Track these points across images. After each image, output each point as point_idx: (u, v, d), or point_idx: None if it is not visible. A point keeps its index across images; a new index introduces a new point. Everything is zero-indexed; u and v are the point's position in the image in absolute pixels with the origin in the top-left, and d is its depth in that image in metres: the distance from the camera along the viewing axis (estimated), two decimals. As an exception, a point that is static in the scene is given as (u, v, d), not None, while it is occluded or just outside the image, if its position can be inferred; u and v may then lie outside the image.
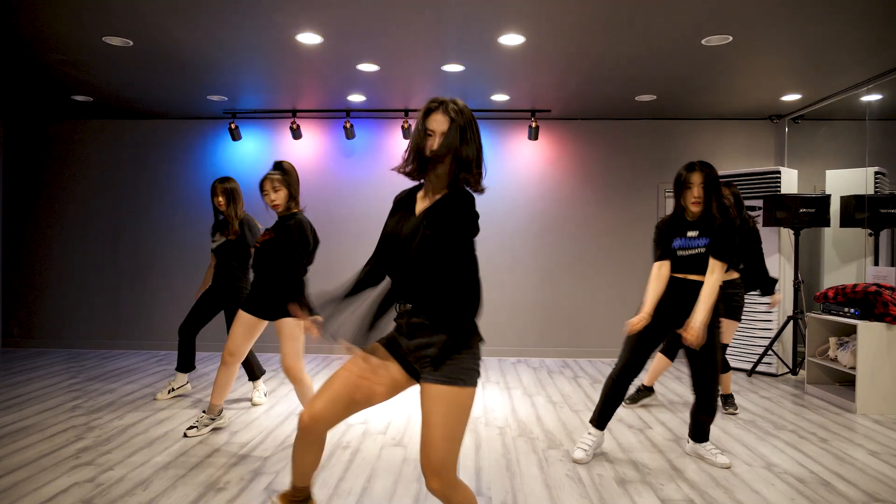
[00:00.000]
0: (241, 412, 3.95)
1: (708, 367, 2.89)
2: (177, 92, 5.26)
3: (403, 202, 1.92)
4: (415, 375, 1.82)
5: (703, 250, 2.89)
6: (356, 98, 5.49)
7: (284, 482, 2.76)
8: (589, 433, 3.13)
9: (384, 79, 4.86)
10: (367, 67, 4.53)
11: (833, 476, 2.93)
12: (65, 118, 6.33)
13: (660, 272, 3.00)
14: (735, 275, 3.92)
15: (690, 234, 2.93)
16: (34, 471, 2.74)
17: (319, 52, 4.21)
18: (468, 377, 1.73)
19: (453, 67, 4.51)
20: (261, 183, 3.36)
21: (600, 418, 3.10)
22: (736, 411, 4.04)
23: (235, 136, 5.96)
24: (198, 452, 3.16)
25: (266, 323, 3.37)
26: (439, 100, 1.81)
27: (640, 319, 2.93)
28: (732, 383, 4.86)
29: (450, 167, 1.78)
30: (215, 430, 3.52)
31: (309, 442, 1.81)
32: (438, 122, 1.77)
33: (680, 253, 2.95)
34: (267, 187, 3.32)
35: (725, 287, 3.74)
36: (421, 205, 1.85)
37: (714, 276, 2.85)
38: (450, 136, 1.76)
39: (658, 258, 3.03)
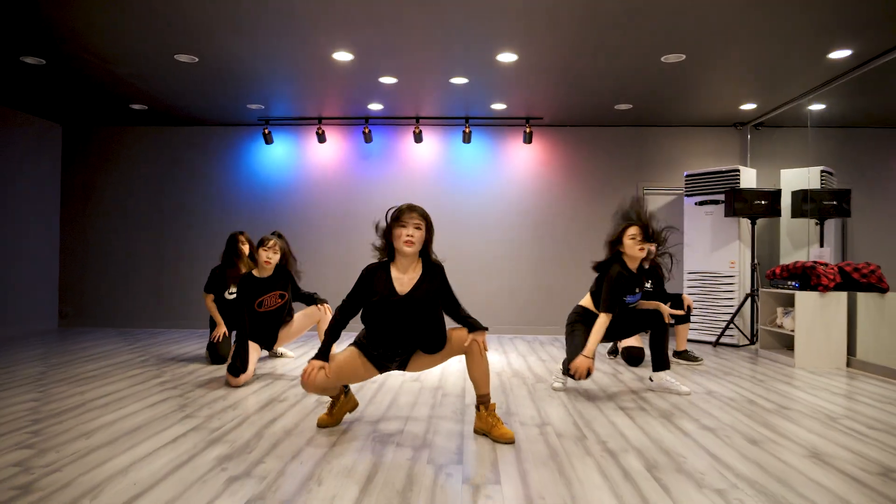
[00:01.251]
0: (283, 364, 4.78)
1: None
2: (222, 101, 6.14)
3: (378, 276, 2.76)
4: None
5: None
6: (375, 106, 6.37)
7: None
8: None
9: (400, 90, 5.74)
10: (388, 80, 5.41)
11: (758, 397, 3.75)
12: (117, 124, 7.21)
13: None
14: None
15: (637, 289, 3.82)
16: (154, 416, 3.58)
17: (349, 68, 5.09)
18: None
19: (459, 80, 5.40)
20: (263, 241, 4.17)
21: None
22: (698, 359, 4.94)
23: (268, 139, 6.84)
24: (264, 381, 3.99)
25: None
26: (412, 206, 2.80)
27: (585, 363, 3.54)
28: (698, 352, 5.67)
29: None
30: (277, 374, 4.35)
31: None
32: (414, 219, 2.76)
33: (630, 305, 3.85)
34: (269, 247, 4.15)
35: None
36: (406, 276, 2.77)
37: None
38: (427, 233, 2.81)
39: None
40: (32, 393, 3.64)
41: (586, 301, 3.99)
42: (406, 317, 2.74)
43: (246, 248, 4.91)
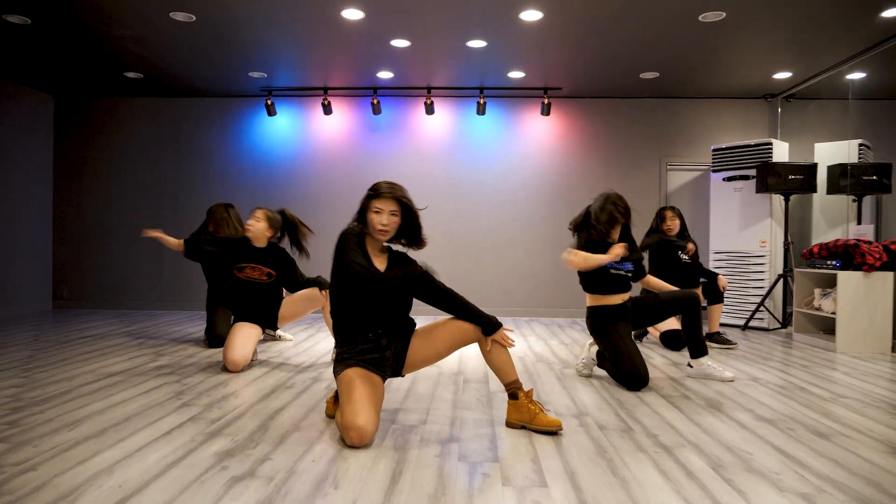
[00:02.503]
0: (287, 348, 4.47)
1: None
2: (222, 68, 5.76)
3: (361, 248, 2.45)
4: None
5: (628, 276, 3.48)
6: (384, 75, 5.99)
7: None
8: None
9: (412, 55, 5.36)
10: (400, 43, 5.03)
11: (808, 384, 3.43)
12: (111, 95, 6.84)
13: None
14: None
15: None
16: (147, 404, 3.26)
17: (358, 28, 4.71)
18: None
19: (477, 43, 5.01)
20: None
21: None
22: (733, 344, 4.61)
23: (271, 111, 6.46)
24: (268, 366, 3.68)
25: None
26: (391, 188, 2.52)
27: None
28: (728, 336, 5.35)
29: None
30: (280, 361, 4.03)
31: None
32: (389, 206, 2.48)
33: (612, 271, 3.41)
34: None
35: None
36: (377, 257, 2.52)
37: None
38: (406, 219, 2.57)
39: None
40: (16, 378, 3.33)
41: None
42: (385, 298, 2.45)
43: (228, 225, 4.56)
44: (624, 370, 3.19)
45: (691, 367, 3.53)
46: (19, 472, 1.96)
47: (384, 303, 2.45)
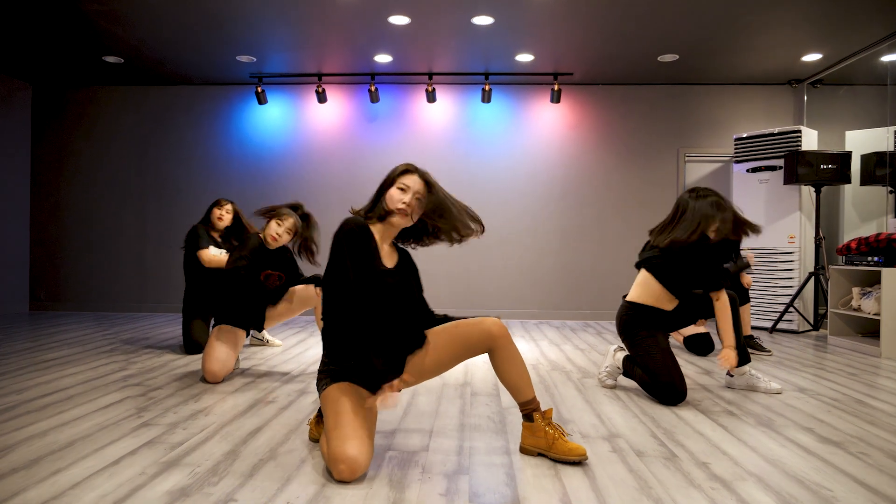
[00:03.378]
0: (274, 355, 4.05)
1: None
2: (207, 51, 5.35)
3: (371, 243, 1.98)
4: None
5: None
6: (382, 59, 5.56)
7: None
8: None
9: (412, 35, 4.94)
10: (398, 20, 4.61)
11: (865, 396, 3.00)
12: (92, 83, 6.42)
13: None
14: None
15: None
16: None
17: (354, 3, 4.29)
18: None
19: (483, 20, 4.59)
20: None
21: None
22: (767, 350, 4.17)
23: (262, 99, 6.04)
24: (250, 375, 3.25)
25: None
26: (422, 171, 2.11)
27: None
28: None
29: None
30: (265, 370, 3.61)
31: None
32: (416, 184, 2.07)
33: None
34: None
35: None
36: (385, 249, 2.08)
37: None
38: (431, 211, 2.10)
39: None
40: (-42, 391, 2.91)
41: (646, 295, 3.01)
42: (393, 301, 2.01)
43: (224, 221, 4.14)
44: (659, 381, 2.76)
45: (731, 376, 3.11)
46: (-89, 520, 1.54)
47: (394, 313, 2.02)
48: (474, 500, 1.70)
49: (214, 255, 3.96)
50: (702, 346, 4.05)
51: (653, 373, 2.79)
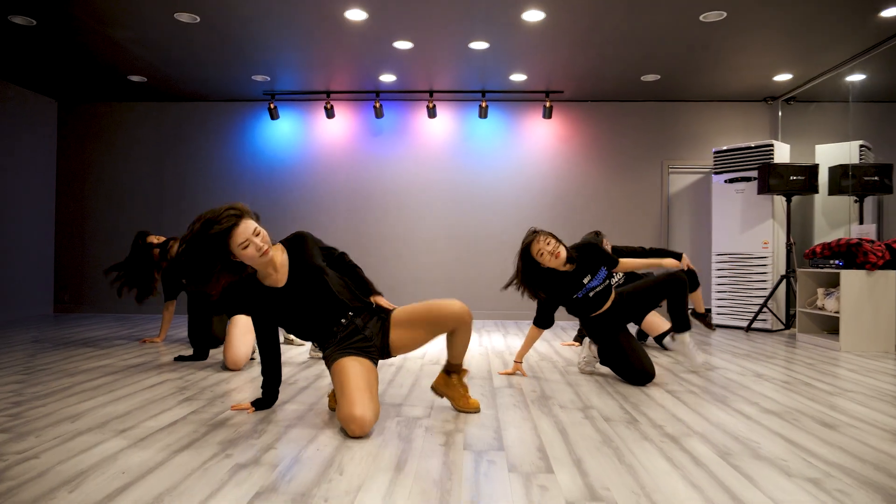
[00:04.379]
0: (288, 347, 4.46)
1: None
2: (226, 71, 5.79)
3: (251, 291, 2.43)
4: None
5: (608, 282, 3.32)
6: (387, 78, 6.01)
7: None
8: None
9: (415, 57, 5.39)
10: (403, 45, 5.05)
11: (813, 380, 3.41)
12: (115, 99, 6.87)
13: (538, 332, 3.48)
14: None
15: (586, 279, 3.28)
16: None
17: (361, 29, 4.74)
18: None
19: (479, 45, 5.04)
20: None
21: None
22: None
23: (274, 115, 6.49)
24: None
25: None
26: (237, 212, 2.32)
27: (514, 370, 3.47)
28: (726, 341, 5.32)
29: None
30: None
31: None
32: (250, 228, 2.32)
33: (591, 294, 3.28)
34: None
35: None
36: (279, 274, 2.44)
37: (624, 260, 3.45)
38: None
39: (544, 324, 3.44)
40: (16, 375, 3.32)
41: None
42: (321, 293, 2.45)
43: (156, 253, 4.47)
44: (630, 367, 3.18)
45: (674, 340, 3.54)
46: (21, 459, 1.95)
47: (325, 298, 2.44)
48: (468, 448, 2.11)
49: None
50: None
51: (624, 361, 3.21)
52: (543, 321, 3.43)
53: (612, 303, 3.37)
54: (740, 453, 2.08)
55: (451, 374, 2.64)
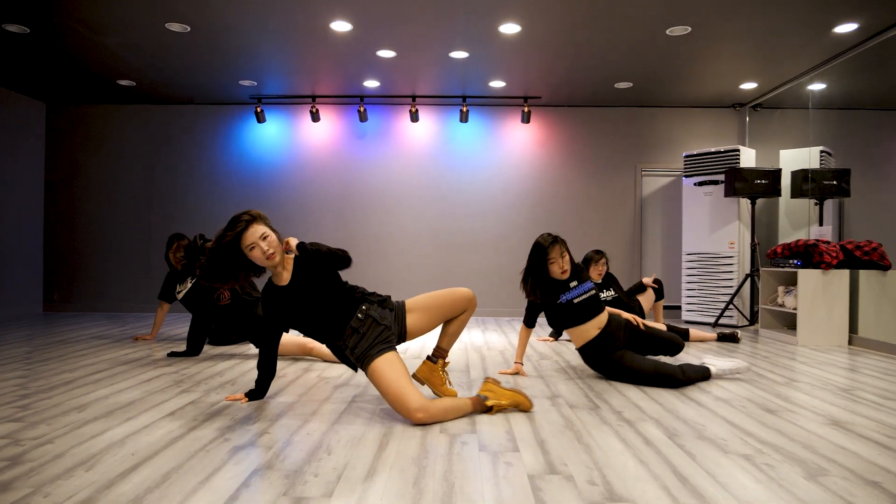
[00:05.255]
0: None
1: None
2: (214, 76, 5.96)
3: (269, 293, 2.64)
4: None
5: (593, 292, 3.34)
6: (371, 84, 6.22)
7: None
8: None
9: (397, 65, 5.60)
10: (386, 54, 5.27)
11: (766, 371, 3.70)
12: (103, 102, 6.99)
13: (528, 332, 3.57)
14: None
15: (573, 284, 3.32)
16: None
17: (346, 39, 4.94)
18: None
19: (459, 54, 5.27)
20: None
21: None
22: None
23: (261, 118, 6.66)
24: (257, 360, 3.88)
25: None
26: (249, 217, 2.53)
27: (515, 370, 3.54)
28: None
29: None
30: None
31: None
32: (260, 230, 2.52)
33: (577, 301, 3.30)
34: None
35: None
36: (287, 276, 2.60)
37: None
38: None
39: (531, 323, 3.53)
40: (19, 370, 3.49)
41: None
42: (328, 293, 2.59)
43: (180, 254, 4.51)
44: (660, 373, 3.20)
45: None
46: (37, 444, 2.15)
47: (335, 291, 2.60)
48: (444, 432, 2.34)
49: None
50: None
51: (646, 374, 3.24)
52: (532, 322, 3.53)
53: (602, 331, 3.31)
54: (687, 434, 2.34)
55: (437, 359, 2.80)
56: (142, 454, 2.05)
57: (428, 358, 2.85)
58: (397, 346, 2.87)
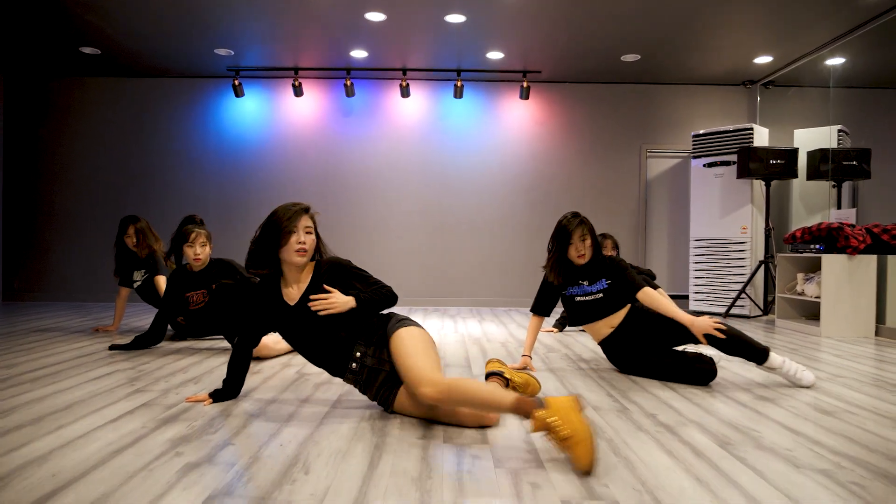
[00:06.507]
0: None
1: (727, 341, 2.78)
2: (185, 43, 5.45)
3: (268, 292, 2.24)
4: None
5: (601, 295, 2.92)
6: (358, 54, 5.74)
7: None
8: None
9: (387, 31, 5.13)
10: (375, 17, 4.79)
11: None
12: (67, 75, 6.44)
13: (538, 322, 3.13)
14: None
15: (583, 282, 2.95)
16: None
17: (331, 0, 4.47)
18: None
19: (456, 18, 4.81)
20: (188, 235, 3.42)
21: None
22: None
23: (238, 92, 6.16)
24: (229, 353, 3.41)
25: None
26: (301, 206, 2.19)
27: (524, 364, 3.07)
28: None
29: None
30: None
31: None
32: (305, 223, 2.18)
33: (578, 299, 2.96)
34: (196, 241, 3.43)
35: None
36: (295, 287, 2.22)
37: (652, 292, 2.87)
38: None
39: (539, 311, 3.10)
40: (-52, 366, 3.01)
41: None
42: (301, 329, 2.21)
43: (132, 240, 4.14)
44: (693, 369, 2.74)
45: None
46: (-66, 462, 1.68)
47: (327, 332, 2.19)
48: (448, 442, 1.91)
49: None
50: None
51: (674, 369, 2.79)
52: (543, 308, 3.10)
53: (616, 329, 2.94)
54: (742, 443, 1.93)
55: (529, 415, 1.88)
56: (65, 475, 1.59)
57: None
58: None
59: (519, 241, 6.50)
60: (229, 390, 2.35)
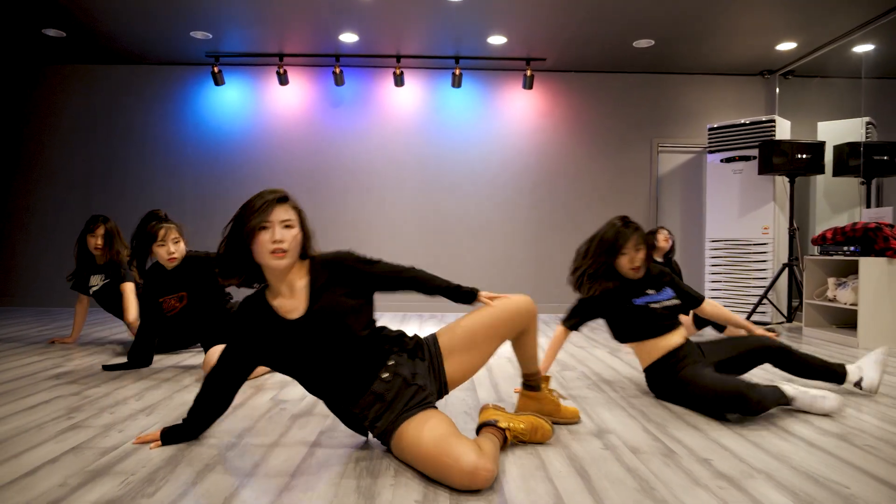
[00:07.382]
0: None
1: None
2: (158, 25, 4.98)
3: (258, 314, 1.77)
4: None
5: (677, 301, 2.60)
6: (348, 38, 5.29)
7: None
8: None
9: (381, 11, 4.68)
10: (365, -6, 4.35)
11: (856, 388, 2.88)
12: (32, 61, 5.96)
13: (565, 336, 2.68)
14: None
15: (649, 291, 2.57)
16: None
17: (316, -27, 4.01)
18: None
19: (455, -5, 4.37)
20: (156, 234, 2.98)
21: None
22: None
23: (218, 80, 5.69)
24: (195, 372, 2.95)
25: None
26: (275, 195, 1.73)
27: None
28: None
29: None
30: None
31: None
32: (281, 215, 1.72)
33: (654, 306, 2.53)
34: (168, 238, 2.97)
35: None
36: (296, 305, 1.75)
37: (715, 303, 2.73)
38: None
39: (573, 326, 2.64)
40: None
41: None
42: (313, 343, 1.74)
43: (98, 241, 3.71)
44: (729, 396, 2.21)
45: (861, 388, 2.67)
46: None
47: (350, 343, 1.75)
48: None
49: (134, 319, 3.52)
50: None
51: (716, 395, 2.25)
52: (578, 323, 2.62)
53: (685, 343, 2.51)
54: (829, 502, 1.50)
55: (537, 387, 2.13)
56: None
57: (525, 387, 2.13)
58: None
59: (522, 241, 6.06)
60: (189, 431, 1.90)
